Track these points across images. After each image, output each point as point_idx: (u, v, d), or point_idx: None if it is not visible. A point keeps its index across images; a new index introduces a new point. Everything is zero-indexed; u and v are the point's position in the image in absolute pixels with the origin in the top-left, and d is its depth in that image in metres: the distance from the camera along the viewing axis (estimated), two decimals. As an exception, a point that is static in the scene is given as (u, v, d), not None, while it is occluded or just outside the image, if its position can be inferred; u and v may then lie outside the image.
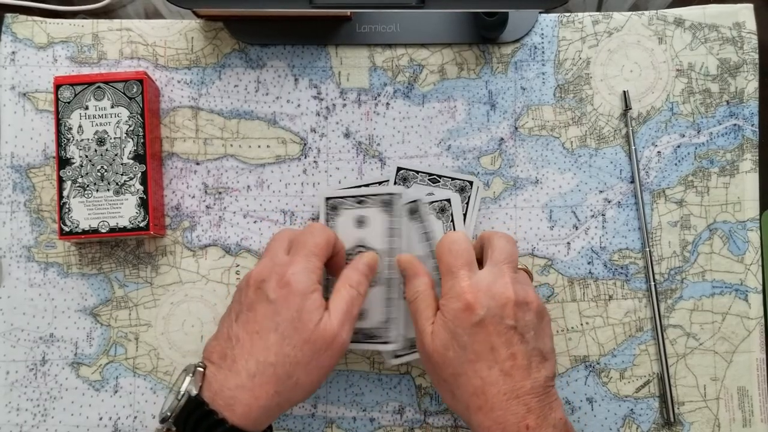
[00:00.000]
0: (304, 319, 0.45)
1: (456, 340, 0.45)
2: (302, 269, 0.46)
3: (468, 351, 0.45)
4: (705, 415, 0.55)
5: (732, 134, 0.57)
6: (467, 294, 0.45)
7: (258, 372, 0.44)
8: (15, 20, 0.57)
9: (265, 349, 0.45)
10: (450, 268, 0.47)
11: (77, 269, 0.56)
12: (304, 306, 0.45)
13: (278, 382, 0.44)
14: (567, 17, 0.58)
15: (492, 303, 0.45)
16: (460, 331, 0.45)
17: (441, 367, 0.46)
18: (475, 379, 0.44)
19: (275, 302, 0.45)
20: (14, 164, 0.57)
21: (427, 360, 0.48)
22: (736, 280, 0.56)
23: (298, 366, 0.45)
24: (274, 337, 0.45)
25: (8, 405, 0.55)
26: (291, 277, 0.46)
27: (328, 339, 0.45)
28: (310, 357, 0.45)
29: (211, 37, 0.58)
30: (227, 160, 0.57)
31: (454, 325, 0.45)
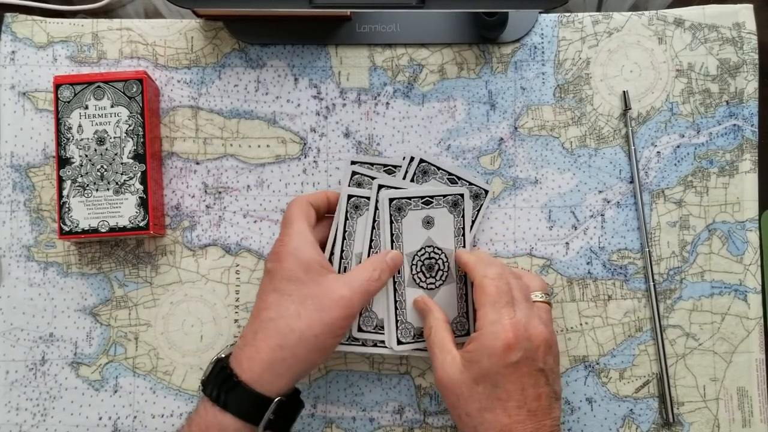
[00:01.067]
0: (300, 276, 0.47)
1: (489, 377, 0.45)
2: (288, 238, 0.48)
3: (500, 389, 0.45)
4: (704, 415, 0.55)
5: (731, 134, 0.57)
6: (509, 333, 0.45)
7: (259, 328, 0.46)
8: (15, 20, 0.57)
9: (265, 309, 0.47)
10: (494, 304, 0.46)
11: (77, 269, 0.56)
12: (300, 263, 0.47)
13: (278, 334, 0.46)
14: (567, 17, 0.58)
15: (528, 345, 0.45)
16: (496, 369, 0.45)
17: (467, 401, 0.46)
18: (503, 417, 0.45)
19: (271, 269, 0.48)
20: (14, 164, 0.57)
21: (450, 391, 0.46)
22: (735, 280, 0.56)
23: (300, 319, 0.46)
24: (273, 296, 0.47)
25: (8, 404, 0.55)
26: (280, 248, 0.48)
27: (334, 297, 0.46)
28: (313, 310, 0.46)
29: (211, 37, 0.58)
30: (227, 159, 0.57)
31: (490, 362, 0.45)
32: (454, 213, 0.53)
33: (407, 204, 0.52)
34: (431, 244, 0.53)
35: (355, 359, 0.56)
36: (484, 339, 0.45)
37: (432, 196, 0.52)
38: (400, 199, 0.52)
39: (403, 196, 0.52)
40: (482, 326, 0.46)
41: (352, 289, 0.47)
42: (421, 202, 0.52)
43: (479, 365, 0.45)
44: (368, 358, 0.56)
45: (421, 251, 0.52)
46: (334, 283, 0.47)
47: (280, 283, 0.47)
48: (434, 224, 0.53)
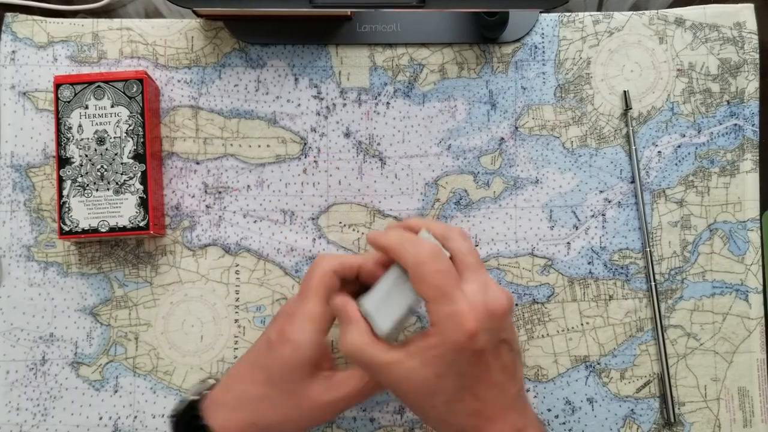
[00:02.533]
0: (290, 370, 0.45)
1: (452, 368, 0.42)
2: (299, 320, 0.45)
3: (465, 377, 0.42)
4: (705, 415, 0.55)
5: (732, 134, 0.57)
6: (470, 322, 0.41)
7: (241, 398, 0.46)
8: (15, 19, 0.57)
9: (253, 382, 0.46)
10: (444, 292, 0.42)
11: (77, 269, 0.56)
12: (294, 359, 0.45)
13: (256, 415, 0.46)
14: (567, 17, 0.58)
15: (491, 324, 0.42)
16: (459, 359, 0.42)
17: (431, 397, 0.43)
18: (472, 402, 0.43)
19: (273, 343, 0.46)
20: (14, 163, 0.57)
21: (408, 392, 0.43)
22: (736, 280, 0.56)
23: (275, 411, 0.46)
24: (262, 375, 0.46)
25: (8, 404, 0.55)
26: (287, 326, 0.46)
27: (311, 404, 0.46)
28: (288, 409, 0.46)
29: (211, 37, 0.58)
30: (227, 159, 0.57)
31: (454, 356, 0.41)
32: None
33: None
34: None
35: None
36: (445, 335, 0.41)
37: None
38: None
39: None
40: (438, 321, 0.42)
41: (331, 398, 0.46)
42: None
43: (442, 361, 0.42)
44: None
45: None
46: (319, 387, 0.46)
47: (272, 366, 0.46)
48: None
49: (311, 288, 0.46)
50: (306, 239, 0.57)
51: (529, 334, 0.56)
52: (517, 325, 0.56)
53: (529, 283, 0.56)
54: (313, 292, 0.46)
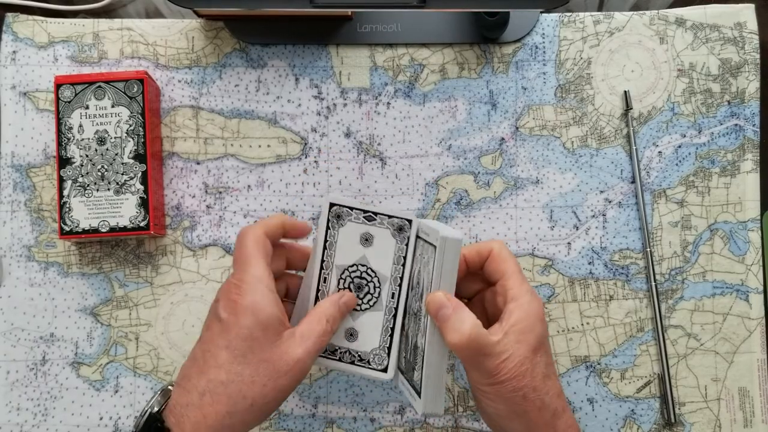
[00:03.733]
0: (258, 337, 0.42)
1: (543, 341, 0.44)
2: (246, 285, 0.44)
3: (548, 353, 0.44)
4: (706, 415, 0.55)
5: (733, 134, 0.57)
6: (538, 297, 0.45)
7: (208, 390, 0.42)
8: (16, 20, 0.57)
9: (216, 367, 0.42)
10: (520, 271, 0.46)
11: (77, 269, 0.56)
12: (258, 321, 0.43)
13: (229, 400, 0.42)
14: (568, 17, 0.58)
15: None
16: (545, 332, 0.44)
17: (533, 374, 0.42)
18: (556, 381, 0.44)
19: (226, 321, 0.43)
20: (15, 164, 0.57)
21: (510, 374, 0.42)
22: (737, 280, 0.56)
23: (253, 386, 0.42)
24: (225, 354, 0.42)
25: (9, 404, 0.55)
26: (236, 296, 0.43)
27: (290, 362, 0.43)
28: (267, 377, 0.42)
29: (211, 37, 0.58)
30: (228, 159, 0.57)
31: (542, 326, 0.44)
32: (397, 238, 0.47)
33: (348, 214, 0.48)
34: (365, 263, 0.48)
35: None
36: (528, 306, 0.44)
37: (375, 213, 0.48)
38: (341, 206, 0.48)
39: (345, 204, 0.48)
40: (519, 294, 0.44)
41: (306, 349, 0.43)
42: (363, 215, 0.48)
43: (534, 333, 0.43)
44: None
45: (352, 267, 0.48)
46: (290, 343, 0.43)
47: (235, 341, 0.42)
48: (372, 243, 0.48)
49: (249, 254, 0.45)
50: (306, 239, 0.57)
51: (529, 335, 0.56)
52: (517, 326, 0.56)
53: (529, 283, 0.56)
54: (253, 257, 0.44)
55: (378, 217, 0.48)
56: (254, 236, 0.45)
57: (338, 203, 0.48)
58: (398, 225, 0.47)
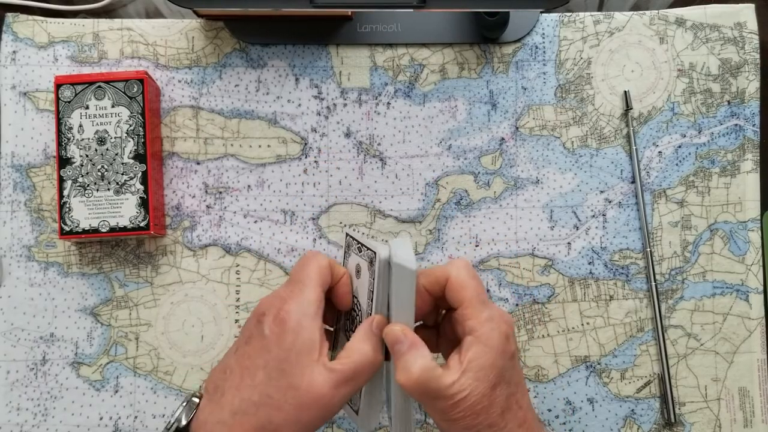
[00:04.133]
0: (292, 360, 0.41)
1: (503, 376, 0.41)
2: (297, 306, 0.43)
3: (511, 385, 0.42)
4: (706, 415, 0.55)
5: (733, 134, 0.57)
6: (505, 326, 0.42)
7: (240, 410, 0.41)
8: (16, 20, 0.57)
9: (251, 387, 0.42)
10: (482, 297, 0.43)
11: (77, 269, 0.56)
12: (295, 346, 0.41)
13: (258, 424, 0.41)
14: (568, 17, 0.58)
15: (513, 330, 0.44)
16: (506, 365, 0.42)
17: (488, 411, 0.41)
18: (518, 411, 0.42)
19: (269, 338, 0.42)
20: (15, 164, 0.57)
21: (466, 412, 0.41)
22: (737, 280, 0.56)
23: (280, 412, 0.41)
24: (261, 375, 0.42)
25: (9, 404, 0.55)
26: (285, 314, 0.42)
27: (315, 396, 0.41)
28: (293, 407, 0.41)
29: (211, 37, 0.58)
30: (228, 159, 0.57)
31: (502, 360, 0.41)
32: (370, 270, 0.44)
33: (351, 244, 0.47)
34: (355, 295, 0.46)
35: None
36: (487, 339, 0.41)
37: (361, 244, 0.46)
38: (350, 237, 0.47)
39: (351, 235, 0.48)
40: (479, 325, 0.42)
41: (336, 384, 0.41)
42: (356, 245, 0.47)
43: (494, 368, 0.41)
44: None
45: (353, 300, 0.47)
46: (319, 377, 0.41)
47: (272, 362, 0.42)
48: (360, 275, 0.46)
49: (309, 277, 0.44)
50: (306, 239, 0.57)
51: (529, 335, 0.56)
52: (517, 326, 0.56)
53: (529, 283, 0.56)
54: (312, 280, 0.44)
55: (363, 248, 0.46)
56: (319, 263, 0.44)
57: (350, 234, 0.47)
58: (369, 257, 0.45)
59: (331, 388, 0.41)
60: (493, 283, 0.56)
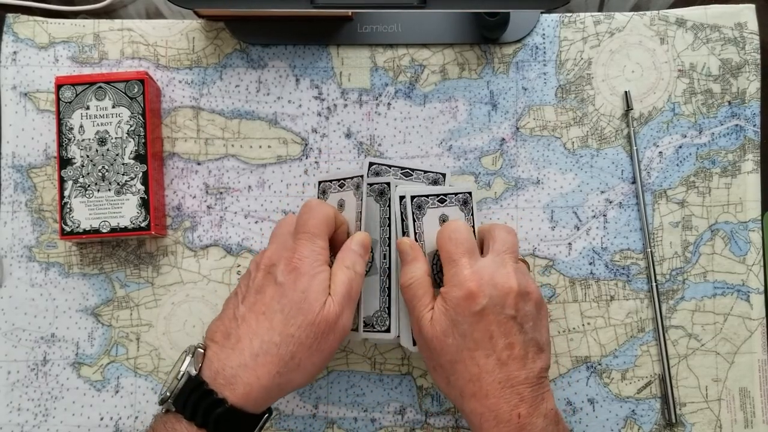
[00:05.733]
0: (310, 300, 0.45)
1: (456, 328, 0.45)
2: (309, 252, 0.46)
3: (467, 339, 0.45)
4: (707, 416, 0.55)
5: (734, 135, 0.57)
6: (470, 282, 0.45)
7: (262, 351, 0.44)
8: (16, 20, 0.57)
9: (270, 330, 0.45)
10: (451, 256, 0.47)
11: (78, 269, 0.56)
12: (311, 287, 0.45)
13: (281, 362, 0.44)
14: (568, 17, 0.58)
15: (494, 292, 0.45)
16: (460, 319, 0.45)
17: (438, 354, 0.46)
18: (472, 367, 0.45)
19: (283, 285, 0.46)
20: (15, 164, 0.57)
21: (424, 345, 0.48)
22: (737, 280, 0.56)
23: (302, 347, 0.45)
24: (279, 317, 0.45)
25: (9, 405, 0.55)
26: (298, 262, 0.46)
27: (331, 322, 0.45)
28: (313, 339, 0.45)
29: (212, 37, 0.58)
30: (228, 160, 0.57)
31: (455, 313, 0.45)
32: (380, 202, 0.52)
33: (425, 202, 0.51)
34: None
35: (356, 359, 0.56)
36: (447, 292, 0.46)
37: (446, 194, 0.52)
38: (420, 197, 0.51)
39: (423, 194, 0.51)
40: (446, 281, 0.47)
41: (340, 305, 0.46)
42: (437, 200, 0.51)
43: (445, 318, 0.46)
44: (369, 359, 0.56)
45: None
46: (329, 304, 0.46)
47: (288, 305, 0.45)
48: (345, 207, 0.52)
49: (317, 227, 0.47)
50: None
51: (530, 335, 0.56)
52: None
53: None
54: (320, 230, 0.48)
55: (448, 198, 0.52)
56: (326, 213, 0.48)
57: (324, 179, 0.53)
58: (379, 190, 0.52)
59: (339, 313, 0.46)
60: (494, 284, 0.56)
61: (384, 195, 0.51)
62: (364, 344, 0.56)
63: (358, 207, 0.51)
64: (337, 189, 0.53)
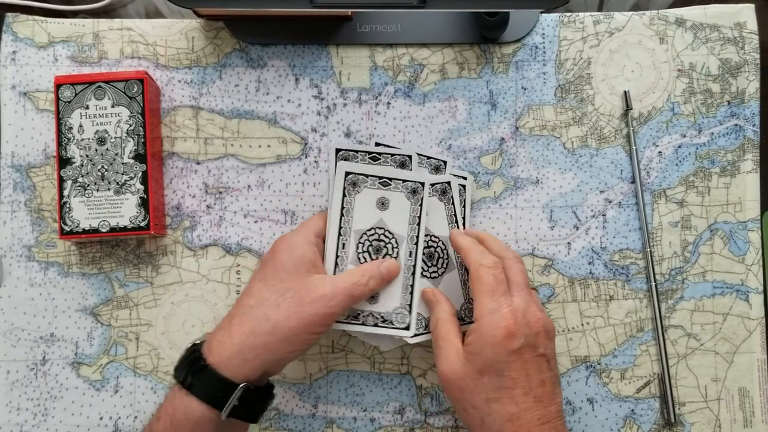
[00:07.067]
0: (289, 269, 0.47)
1: (494, 367, 0.45)
2: (295, 232, 0.50)
3: (505, 378, 0.45)
4: (706, 415, 0.55)
5: (733, 134, 0.57)
6: (509, 321, 0.45)
7: (236, 313, 0.47)
8: (16, 20, 0.57)
9: (247, 296, 0.48)
10: (492, 293, 0.46)
11: (78, 269, 0.56)
12: (291, 257, 0.48)
13: (254, 321, 0.46)
14: (568, 17, 0.58)
15: (528, 331, 0.45)
16: (499, 358, 0.45)
17: (473, 393, 0.45)
18: (510, 406, 0.45)
19: (264, 260, 0.49)
20: (15, 164, 0.57)
21: (455, 384, 0.46)
22: (737, 280, 0.56)
23: (277, 309, 0.46)
24: (257, 285, 0.48)
25: (9, 404, 0.55)
26: (280, 241, 0.49)
27: (314, 294, 0.47)
28: (290, 303, 0.46)
29: (211, 37, 0.58)
30: (228, 159, 0.57)
31: (493, 352, 0.45)
32: (412, 200, 0.52)
33: (364, 181, 0.51)
34: (382, 226, 0.52)
35: (355, 359, 0.56)
36: (484, 329, 0.45)
37: (390, 179, 0.52)
38: (356, 174, 0.51)
39: (360, 172, 0.51)
40: (481, 316, 0.46)
41: (335, 288, 0.47)
42: (378, 181, 0.52)
43: (482, 356, 0.45)
44: (369, 358, 0.56)
45: (370, 231, 0.52)
46: (319, 281, 0.48)
47: (267, 273, 0.48)
48: (389, 207, 0.52)
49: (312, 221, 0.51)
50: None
51: (529, 335, 0.56)
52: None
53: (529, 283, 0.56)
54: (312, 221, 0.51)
55: (393, 182, 0.52)
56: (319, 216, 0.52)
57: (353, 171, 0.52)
58: (412, 188, 0.52)
59: (332, 290, 0.47)
60: (493, 283, 0.56)
61: (416, 193, 0.52)
62: (363, 344, 0.56)
63: (415, 212, 0.52)
64: (378, 187, 0.52)
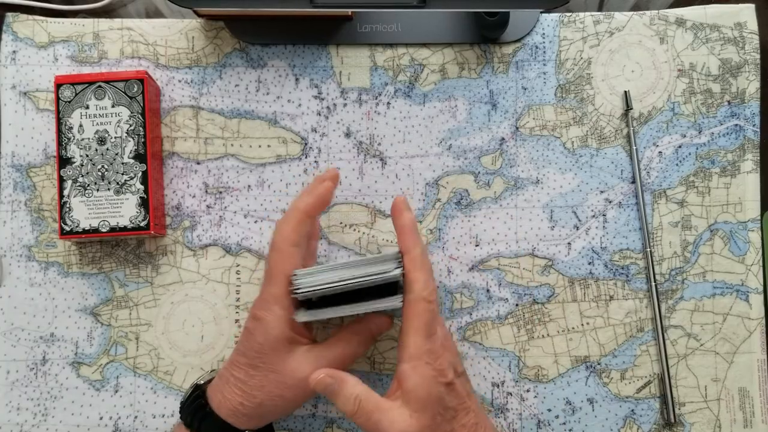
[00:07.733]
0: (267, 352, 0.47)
1: (440, 404, 0.45)
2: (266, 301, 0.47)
3: (449, 409, 0.45)
4: (706, 415, 0.55)
5: (733, 134, 0.57)
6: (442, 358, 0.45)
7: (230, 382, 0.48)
8: (16, 19, 0.57)
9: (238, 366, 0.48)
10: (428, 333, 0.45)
11: (78, 269, 0.56)
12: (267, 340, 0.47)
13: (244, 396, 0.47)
14: (568, 17, 0.58)
15: (450, 358, 0.47)
16: (442, 393, 0.45)
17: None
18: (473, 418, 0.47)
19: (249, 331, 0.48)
20: (15, 163, 0.57)
21: None
22: (737, 280, 0.56)
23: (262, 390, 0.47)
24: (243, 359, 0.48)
25: (9, 404, 0.55)
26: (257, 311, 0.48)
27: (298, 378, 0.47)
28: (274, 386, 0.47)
29: (212, 37, 0.58)
30: (228, 159, 0.57)
31: (437, 390, 0.45)
32: None
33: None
34: None
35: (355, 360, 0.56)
36: (422, 371, 0.45)
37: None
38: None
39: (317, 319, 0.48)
40: (417, 357, 0.45)
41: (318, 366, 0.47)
42: None
43: (433, 398, 0.45)
44: (369, 358, 0.56)
45: None
46: (301, 361, 0.47)
47: (249, 352, 0.47)
48: None
49: (272, 270, 0.48)
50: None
51: (529, 335, 0.56)
52: (517, 326, 0.56)
53: (529, 283, 0.56)
54: (274, 275, 0.48)
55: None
56: (279, 253, 0.48)
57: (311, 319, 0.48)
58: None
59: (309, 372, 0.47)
60: (493, 283, 0.56)
61: None
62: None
63: None
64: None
